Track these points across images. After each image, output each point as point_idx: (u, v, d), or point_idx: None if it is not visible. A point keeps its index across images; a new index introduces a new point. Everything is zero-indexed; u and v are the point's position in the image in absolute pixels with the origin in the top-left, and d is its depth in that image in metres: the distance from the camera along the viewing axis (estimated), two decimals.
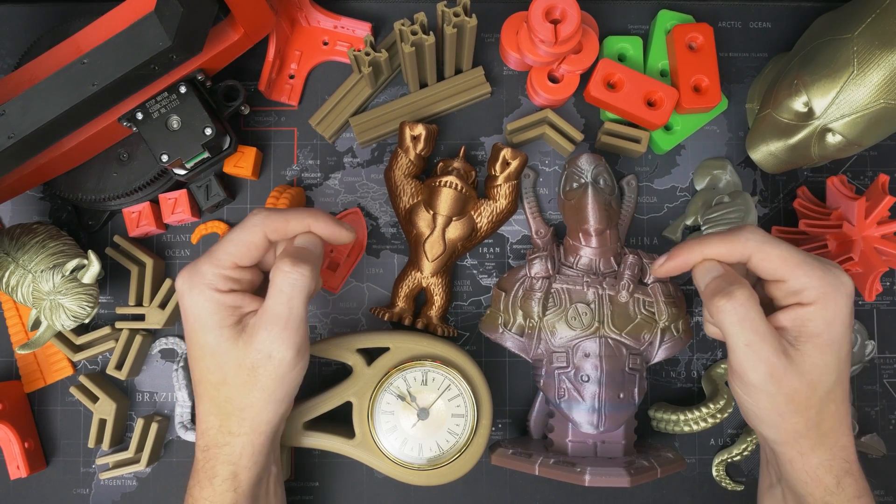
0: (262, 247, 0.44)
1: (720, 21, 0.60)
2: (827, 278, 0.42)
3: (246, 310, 0.44)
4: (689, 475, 0.57)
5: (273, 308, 0.43)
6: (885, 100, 0.49)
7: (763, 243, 0.43)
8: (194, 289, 0.43)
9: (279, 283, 0.43)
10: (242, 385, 0.43)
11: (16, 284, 0.50)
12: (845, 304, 0.42)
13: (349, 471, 0.57)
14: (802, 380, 0.41)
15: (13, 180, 0.51)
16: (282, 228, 0.44)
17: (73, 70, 0.45)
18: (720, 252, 0.44)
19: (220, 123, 0.53)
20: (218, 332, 0.43)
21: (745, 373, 0.42)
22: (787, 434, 0.43)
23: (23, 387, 0.56)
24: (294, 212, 0.45)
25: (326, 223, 0.45)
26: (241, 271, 0.45)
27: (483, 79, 0.58)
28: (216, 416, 0.44)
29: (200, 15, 0.47)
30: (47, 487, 0.56)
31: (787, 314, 0.43)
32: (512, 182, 0.55)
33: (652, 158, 0.59)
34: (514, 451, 0.51)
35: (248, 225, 0.44)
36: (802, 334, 0.42)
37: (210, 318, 0.43)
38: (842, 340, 0.42)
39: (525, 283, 0.53)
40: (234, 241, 0.44)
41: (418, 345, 0.52)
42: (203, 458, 0.45)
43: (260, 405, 0.44)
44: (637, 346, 0.52)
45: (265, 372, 0.43)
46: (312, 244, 0.45)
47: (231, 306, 0.44)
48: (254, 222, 0.44)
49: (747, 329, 0.41)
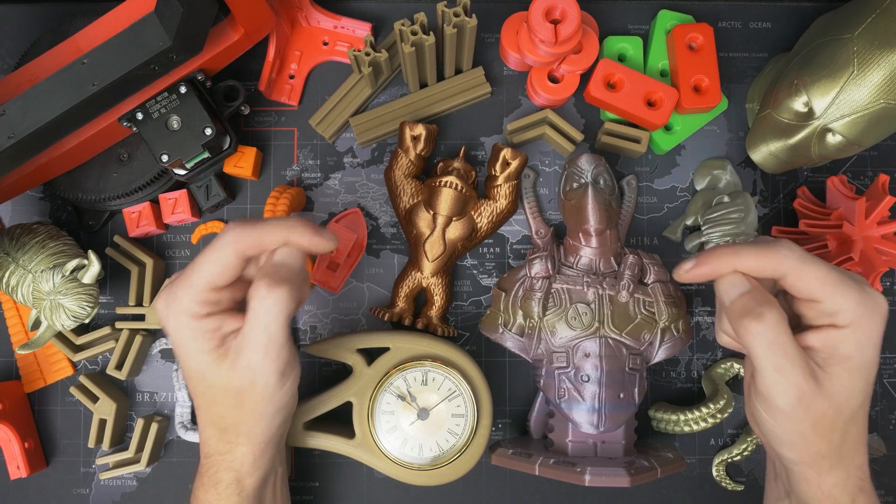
0: (237, 265, 0.42)
1: (720, 21, 0.60)
2: (864, 301, 0.40)
3: (226, 330, 0.42)
4: (689, 475, 0.57)
5: (251, 335, 0.41)
6: (885, 100, 0.49)
7: (801, 262, 0.40)
8: (171, 316, 0.42)
9: (255, 308, 0.40)
10: (231, 407, 0.43)
11: (16, 284, 0.50)
12: (879, 328, 0.40)
13: (349, 471, 0.57)
14: (830, 403, 0.40)
15: (13, 180, 0.51)
16: (256, 245, 0.42)
17: (73, 70, 0.45)
18: (753, 266, 0.41)
19: (220, 123, 0.53)
20: (199, 358, 0.42)
21: (774, 398, 0.40)
22: (807, 456, 0.42)
23: (23, 387, 0.56)
24: (270, 224, 0.42)
25: (304, 233, 0.42)
26: (219, 292, 0.42)
27: (483, 79, 0.58)
28: (213, 428, 0.44)
29: (200, 15, 0.47)
30: (47, 487, 0.56)
31: (818, 335, 0.41)
32: (512, 182, 0.55)
33: (652, 158, 0.59)
34: (514, 451, 0.51)
35: (219, 245, 0.41)
36: (833, 357, 0.40)
37: (190, 343, 0.42)
38: (872, 364, 0.41)
39: (525, 283, 0.53)
40: (206, 262, 0.41)
41: (418, 345, 0.52)
42: (207, 464, 0.45)
43: (252, 422, 0.43)
44: (637, 346, 0.52)
45: (251, 396, 0.42)
46: (292, 258, 0.42)
47: (210, 330, 0.42)
48: (225, 241, 0.41)
49: (778, 353, 0.39)
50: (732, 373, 0.56)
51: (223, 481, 0.44)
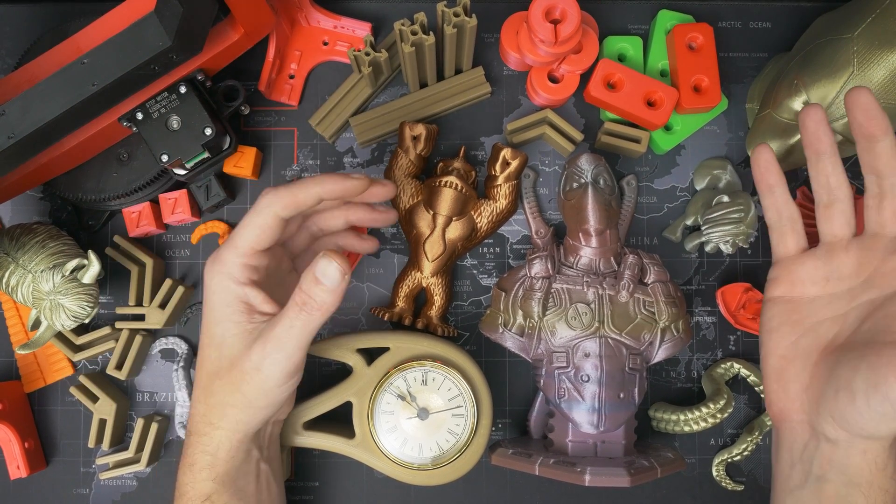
0: (277, 227, 0.44)
1: (720, 21, 0.60)
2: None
3: (259, 309, 0.45)
4: (689, 475, 0.57)
5: (278, 334, 0.43)
6: (885, 100, 0.49)
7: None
8: (214, 277, 0.44)
9: (291, 317, 0.43)
10: (230, 384, 0.44)
11: (16, 284, 0.50)
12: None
13: (349, 471, 0.57)
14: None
15: (13, 180, 0.51)
16: (292, 204, 0.44)
17: (73, 70, 0.45)
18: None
19: (220, 123, 0.53)
20: (226, 326, 0.44)
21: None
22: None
23: (23, 387, 0.56)
24: (302, 183, 0.45)
25: (335, 183, 0.45)
26: (261, 256, 0.45)
27: (483, 79, 0.58)
28: (203, 404, 0.46)
29: (200, 15, 0.47)
30: (47, 487, 0.56)
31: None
32: (512, 182, 0.55)
33: (652, 158, 0.59)
34: (514, 451, 0.51)
35: (259, 208, 0.44)
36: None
37: (223, 309, 0.44)
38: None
39: (525, 283, 0.53)
40: (248, 226, 0.44)
41: (418, 345, 0.52)
42: (187, 443, 0.46)
43: (240, 406, 0.45)
44: (637, 346, 0.52)
45: (251, 380, 0.44)
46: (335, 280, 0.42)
47: (245, 302, 0.44)
48: (264, 203, 0.44)
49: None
50: (732, 373, 0.56)
51: (198, 464, 0.45)
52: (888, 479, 0.42)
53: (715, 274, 0.58)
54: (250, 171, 0.55)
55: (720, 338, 0.58)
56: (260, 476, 0.48)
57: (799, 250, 0.47)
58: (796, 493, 0.45)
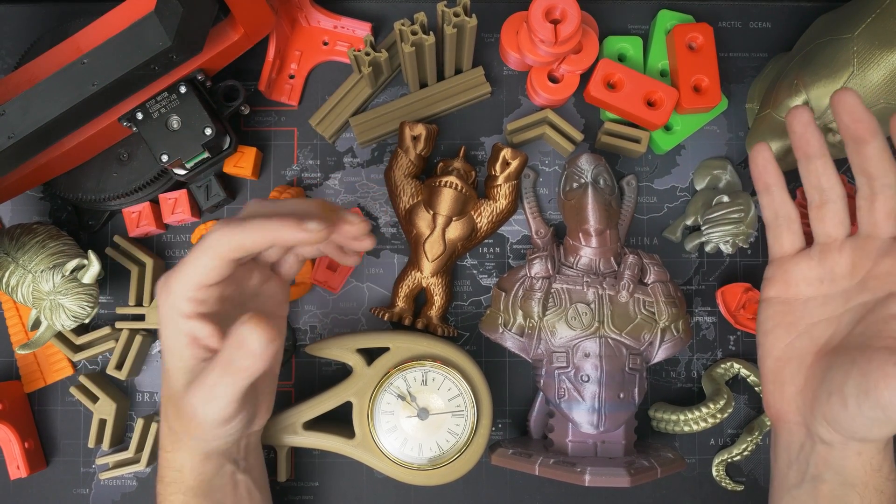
0: (225, 266, 0.40)
1: (720, 21, 0.60)
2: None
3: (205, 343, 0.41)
4: (689, 475, 0.57)
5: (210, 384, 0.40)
6: (885, 100, 0.49)
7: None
8: (163, 306, 0.41)
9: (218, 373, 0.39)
10: (180, 415, 0.42)
11: (16, 284, 0.50)
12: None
13: (349, 471, 0.57)
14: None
15: (13, 180, 0.51)
16: (238, 248, 0.40)
17: (73, 70, 0.45)
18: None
19: (220, 123, 0.53)
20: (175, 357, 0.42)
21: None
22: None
23: (23, 387, 0.56)
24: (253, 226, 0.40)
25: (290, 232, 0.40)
26: (212, 288, 0.41)
27: (483, 79, 0.58)
28: (165, 424, 0.45)
29: (200, 15, 0.47)
30: (47, 487, 0.56)
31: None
32: (512, 182, 0.55)
33: (652, 158, 0.59)
34: (514, 451, 0.51)
35: (204, 246, 0.40)
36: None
37: (172, 339, 0.42)
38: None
39: (525, 283, 0.53)
40: (192, 264, 0.40)
41: (418, 345, 0.52)
42: (159, 457, 0.46)
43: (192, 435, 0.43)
44: (637, 346, 0.52)
45: (192, 419, 0.42)
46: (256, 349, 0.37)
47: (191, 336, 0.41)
48: (208, 244, 0.40)
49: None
50: (732, 373, 0.56)
51: (167, 478, 0.45)
52: (883, 479, 0.43)
53: (715, 274, 0.58)
54: (250, 171, 0.55)
55: (720, 338, 0.58)
56: (238, 487, 0.47)
57: (795, 250, 0.46)
58: (793, 492, 0.45)
